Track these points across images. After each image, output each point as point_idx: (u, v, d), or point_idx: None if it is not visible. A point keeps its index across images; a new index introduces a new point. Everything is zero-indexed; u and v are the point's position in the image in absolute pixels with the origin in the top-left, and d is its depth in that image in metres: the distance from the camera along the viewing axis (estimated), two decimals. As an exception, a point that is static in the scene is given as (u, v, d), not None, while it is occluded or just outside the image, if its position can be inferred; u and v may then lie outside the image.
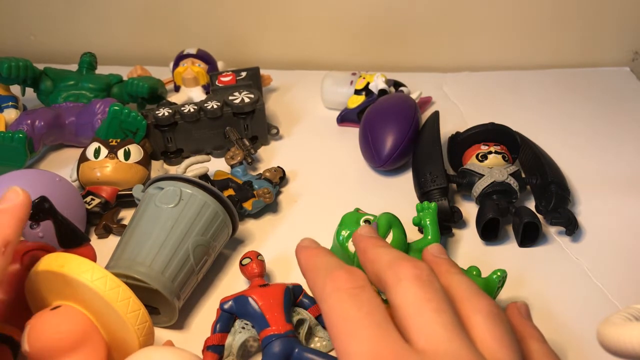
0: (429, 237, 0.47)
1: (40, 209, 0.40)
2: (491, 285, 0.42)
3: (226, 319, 0.43)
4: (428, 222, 0.48)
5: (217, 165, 0.62)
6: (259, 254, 0.47)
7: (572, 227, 0.52)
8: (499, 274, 0.42)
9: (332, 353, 0.42)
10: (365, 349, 0.24)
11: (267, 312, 0.42)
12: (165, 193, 0.47)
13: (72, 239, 0.41)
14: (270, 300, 0.42)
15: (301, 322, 0.43)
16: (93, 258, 0.43)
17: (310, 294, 0.46)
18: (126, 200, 0.57)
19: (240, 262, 0.47)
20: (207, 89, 0.75)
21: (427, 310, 0.25)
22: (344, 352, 0.24)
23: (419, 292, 0.26)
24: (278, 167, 0.61)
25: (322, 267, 0.29)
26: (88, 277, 0.34)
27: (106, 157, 0.58)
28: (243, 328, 0.42)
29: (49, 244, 0.43)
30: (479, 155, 0.56)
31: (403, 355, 0.23)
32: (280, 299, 0.43)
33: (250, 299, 0.42)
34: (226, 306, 0.43)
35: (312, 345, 0.43)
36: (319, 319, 0.44)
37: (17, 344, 0.37)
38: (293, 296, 0.45)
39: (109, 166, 0.57)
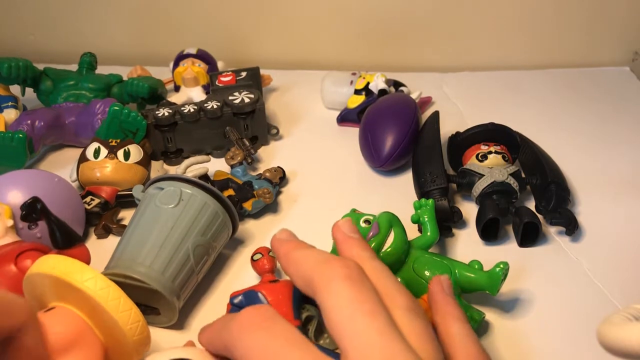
0: (428, 234, 0.47)
1: (33, 210, 0.40)
2: (495, 279, 0.42)
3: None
4: (426, 219, 0.48)
5: (217, 166, 0.62)
6: (270, 250, 0.48)
7: (572, 227, 0.52)
8: (501, 266, 0.42)
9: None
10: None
11: (276, 308, 0.42)
12: (165, 193, 0.47)
13: (65, 240, 0.41)
14: (279, 296, 0.42)
15: (310, 318, 0.43)
16: (87, 259, 0.43)
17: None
18: (126, 200, 0.57)
19: (252, 257, 0.47)
20: (207, 89, 0.75)
21: (361, 315, 0.24)
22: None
23: (351, 293, 0.24)
24: (278, 167, 0.61)
25: (221, 320, 0.27)
26: (78, 278, 0.34)
27: (106, 157, 0.58)
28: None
29: (43, 245, 0.43)
30: (479, 155, 0.56)
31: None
32: (289, 295, 0.43)
33: (259, 294, 0.43)
34: (236, 300, 0.43)
35: (321, 342, 0.43)
36: None
37: None
38: (302, 292, 0.45)
39: (109, 166, 0.57)
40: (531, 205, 0.56)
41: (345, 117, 0.72)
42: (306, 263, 0.27)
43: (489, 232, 0.53)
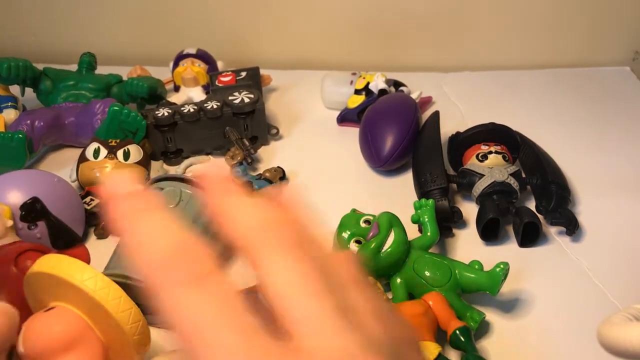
0: (429, 234, 0.47)
1: (33, 210, 0.40)
2: (495, 279, 0.42)
3: None
4: (426, 219, 0.48)
5: (217, 166, 0.62)
6: None
7: (572, 227, 0.52)
8: (502, 266, 0.42)
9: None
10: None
11: None
12: (165, 193, 0.47)
13: (65, 240, 0.41)
14: None
15: None
16: (87, 259, 0.43)
17: None
18: (126, 200, 0.57)
19: None
20: (207, 89, 0.75)
21: (308, 296, 0.20)
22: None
23: (297, 267, 0.20)
24: (278, 167, 0.61)
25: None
26: (78, 277, 0.34)
27: (105, 157, 0.58)
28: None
29: (43, 245, 0.43)
30: (479, 155, 0.56)
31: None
32: None
33: (259, 294, 0.43)
34: None
35: None
36: None
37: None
38: None
39: (109, 166, 0.57)
40: (531, 205, 0.56)
41: (345, 117, 0.72)
42: (246, 221, 0.21)
43: (489, 232, 0.53)
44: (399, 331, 0.20)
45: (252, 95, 0.65)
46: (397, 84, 0.74)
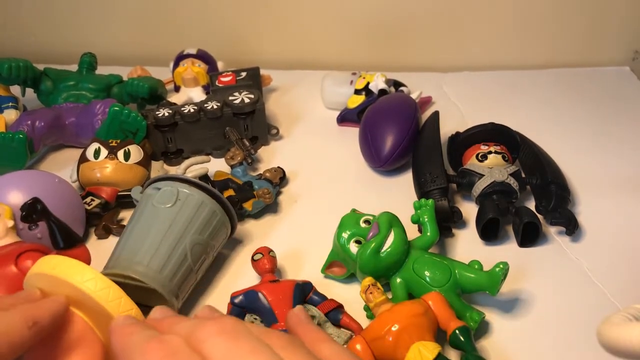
0: (428, 234, 0.47)
1: (33, 210, 0.40)
2: (495, 279, 0.42)
3: (237, 313, 0.43)
4: (426, 219, 0.48)
5: (217, 166, 0.62)
6: (271, 250, 0.48)
7: (572, 227, 0.52)
8: (501, 266, 0.42)
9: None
10: None
11: (276, 308, 0.42)
12: (162, 193, 0.47)
13: (65, 240, 0.41)
14: (280, 295, 0.43)
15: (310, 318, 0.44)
16: (87, 259, 0.43)
17: (319, 290, 0.47)
18: (126, 200, 0.57)
19: (252, 257, 0.48)
20: (207, 89, 0.75)
21: (242, 353, 0.23)
22: None
23: (229, 344, 0.24)
24: (278, 167, 0.61)
25: (135, 343, 0.26)
26: (78, 278, 0.34)
27: (106, 157, 0.58)
28: (252, 322, 0.42)
29: (43, 245, 0.43)
30: (479, 155, 0.56)
31: None
32: (289, 295, 0.43)
33: (260, 294, 0.43)
34: (237, 300, 0.43)
35: None
36: (329, 315, 0.44)
37: None
38: (303, 293, 0.45)
39: (109, 167, 0.57)
40: (531, 205, 0.56)
41: (345, 117, 0.72)
42: (180, 332, 0.26)
43: (489, 232, 0.53)
44: None
45: (252, 96, 0.65)
46: (397, 84, 0.74)
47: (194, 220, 0.46)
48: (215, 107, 0.64)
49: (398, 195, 0.59)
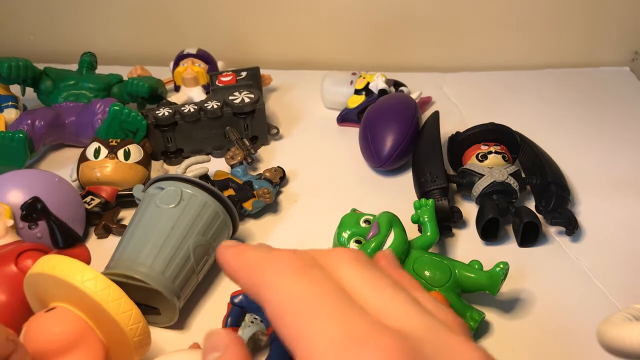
0: (428, 234, 0.47)
1: (33, 209, 0.40)
2: (495, 278, 0.42)
3: (237, 313, 0.43)
4: (426, 219, 0.48)
5: (217, 165, 0.62)
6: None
7: (572, 227, 0.52)
8: (501, 266, 0.42)
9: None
10: (334, 330, 0.19)
11: None
12: (166, 193, 0.47)
13: (66, 240, 0.41)
14: None
15: None
16: (87, 259, 0.43)
17: None
18: (126, 200, 0.57)
19: None
20: (207, 89, 0.75)
21: (384, 288, 0.22)
22: (304, 339, 0.20)
23: (366, 272, 0.23)
24: (278, 167, 0.61)
25: (257, 257, 0.24)
26: (79, 278, 0.34)
27: (106, 157, 0.58)
28: (252, 322, 0.42)
29: (43, 245, 0.43)
30: (479, 155, 0.56)
31: (380, 333, 0.19)
32: None
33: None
34: (236, 300, 0.43)
35: None
36: None
37: None
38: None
39: (109, 166, 0.57)
40: (531, 205, 0.56)
41: (345, 117, 0.72)
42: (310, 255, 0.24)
43: (489, 232, 0.53)
44: (452, 317, 0.23)
45: (252, 95, 0.65)
46: (397, 84, 0.74)
47: (197, 221, 0.46)
48: (215, 106, 0.64)
49: (398, 195, 0.59)
